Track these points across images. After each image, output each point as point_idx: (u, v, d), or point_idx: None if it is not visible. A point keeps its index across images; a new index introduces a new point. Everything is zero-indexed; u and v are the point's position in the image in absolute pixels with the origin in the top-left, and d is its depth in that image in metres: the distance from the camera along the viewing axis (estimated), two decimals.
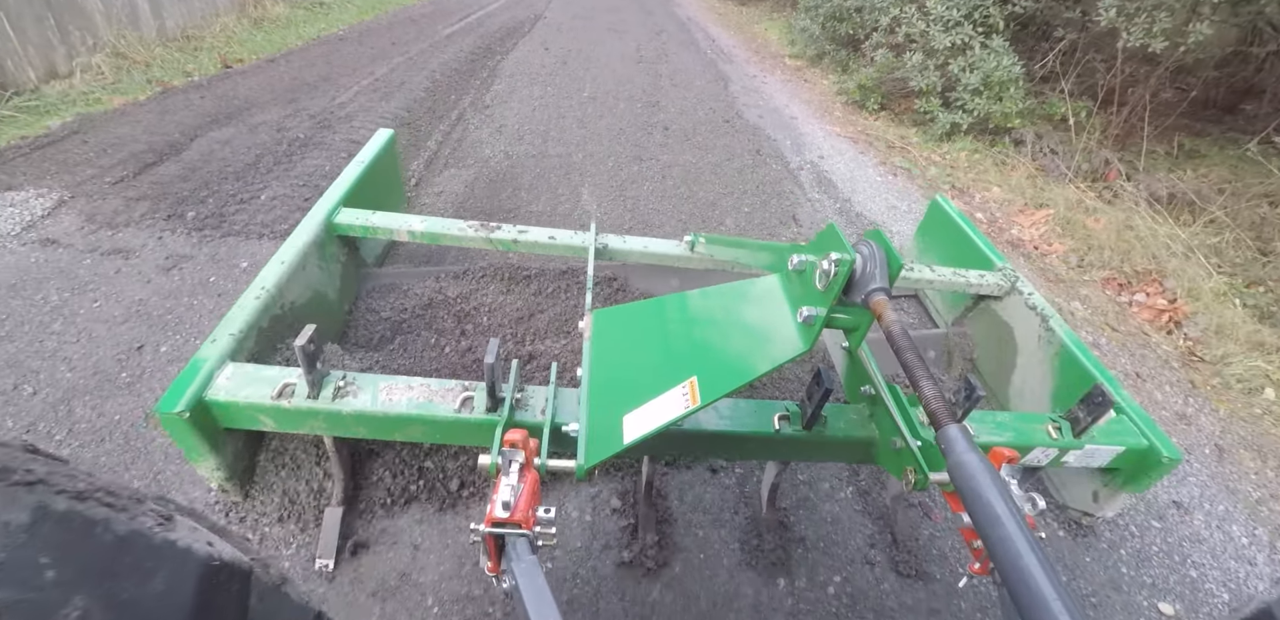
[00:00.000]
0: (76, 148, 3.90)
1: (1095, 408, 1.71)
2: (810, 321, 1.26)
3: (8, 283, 2.69)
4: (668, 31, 9.81)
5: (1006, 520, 0.82)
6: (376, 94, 5.30)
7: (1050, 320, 2.28)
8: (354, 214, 2.35)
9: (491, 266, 2.76)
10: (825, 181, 4.71)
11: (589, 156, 4.55)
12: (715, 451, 1.95)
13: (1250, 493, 2.53)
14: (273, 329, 1.87)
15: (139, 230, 3.10)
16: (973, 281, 2.49)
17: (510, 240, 2.34)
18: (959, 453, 0.94)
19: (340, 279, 2.38)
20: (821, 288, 1.25)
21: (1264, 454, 2.82)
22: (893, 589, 1.90)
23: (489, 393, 1.50)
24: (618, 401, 1.37)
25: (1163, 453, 1.80)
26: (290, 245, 2.12)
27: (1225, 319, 3.66)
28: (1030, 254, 4.30)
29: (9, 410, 2.11)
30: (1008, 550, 0.79)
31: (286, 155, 3.98)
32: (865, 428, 1.64)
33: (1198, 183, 5.04)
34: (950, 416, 1.02)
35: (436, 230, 2.34)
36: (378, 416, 1.55)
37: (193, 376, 1.54)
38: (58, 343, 2.41)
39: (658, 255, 2.39)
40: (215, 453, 1.60)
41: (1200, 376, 3.30)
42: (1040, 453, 1.77)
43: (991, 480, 0.88)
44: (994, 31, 5.68)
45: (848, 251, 1.19)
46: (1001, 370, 2.47)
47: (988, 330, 2.61)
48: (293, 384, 1.56)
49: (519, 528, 1.09)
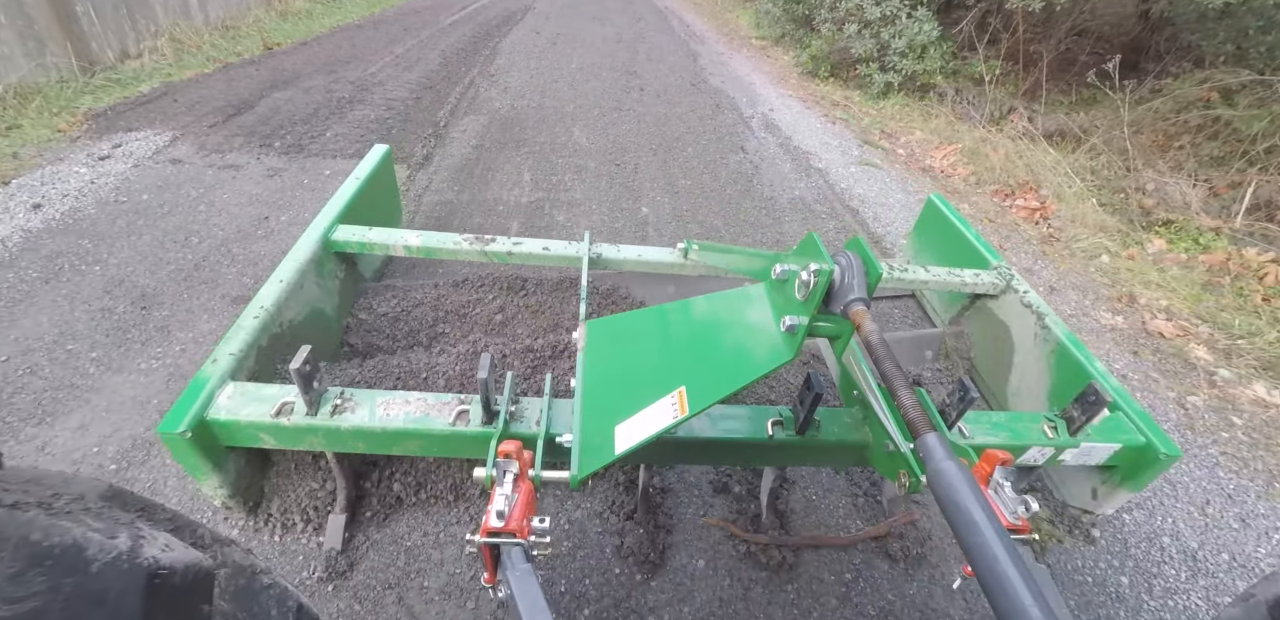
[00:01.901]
0: (169, 105, 4.91)
1: (1090, 406, 1.69)
2: (793, 331, 1.26)
3: (157, 185, 3.69)
4: (645, 19, 10.87)
5: (984, 527, 0.83)
6: (399, 67, 6.34)
7: (1046, 318, 2.26)
8: (351, 230, 2.36)
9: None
10: (772, 126, 5.74)
11: (579, 108, 5.58)
12: (709, 458, 1.91)
13: (1065, 309, 3.57)
14: (272, 347, 1.88)
15: (241, 154, 4.11)
16: (967, 281, 2.47)
17: (505, 252, 2.35)
18: (937, 461, 0.95)
19: (338, 295, 2.39)
20: (802, 298, 1.25)
21: (1084, 291, 3.84)
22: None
23: (484, 406, 1.52)
24: (610, 412, 1.37)
25: (1160, 449, 1.76)
26: (288, 263, 2.12)
27: (1081, 212, 4.70)
28: (938, 176, 5.33)
29: (187, 252, 3.11)
30: (985, 556, 0.80)
31: (338, 108, 5.01)
32: (859, 431, 1.62)
33: (1086, 121, 6.09)
34: (928, 425, 1.02)
35: (432, 245, 2.35)
36: (375, 431, 1.56)
37: (194, 397, 1.55)
38: (207, 216, 3.41)
39: (651, 263, 2.39)
40: (218, 471, 1.62)
41: (1052, 249, 4.33)
42: (1036, 452, 1.74)
43: (969, 488, 0.89)
44: (919, 3, 6.72)
45: (826, 262, 1.20)
46: (999, 369, 2.46)
47: (984, 329, 2.60)
48: (292, 402, 1.57)
49: (514, 537, 1.11)
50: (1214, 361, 3.26)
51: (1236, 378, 3.16)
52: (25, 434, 2.11)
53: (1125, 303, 3.74)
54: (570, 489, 1.33)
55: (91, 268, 2.93)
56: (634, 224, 3.74)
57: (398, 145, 4.43)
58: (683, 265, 2.39)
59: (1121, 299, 3.76)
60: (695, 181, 4.40)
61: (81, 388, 2.30)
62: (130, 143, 4.16)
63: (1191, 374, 3.15)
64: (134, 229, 3.24)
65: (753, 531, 1.95)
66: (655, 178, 4.40)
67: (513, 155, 4.51)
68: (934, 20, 6.59)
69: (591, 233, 2.54)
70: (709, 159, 4.80)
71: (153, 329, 2.60)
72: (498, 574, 1.15)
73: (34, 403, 2.22)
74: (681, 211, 3.95)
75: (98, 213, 3.36)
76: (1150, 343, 3.37)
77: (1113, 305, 3.70)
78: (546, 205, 3.84)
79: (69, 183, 3.63)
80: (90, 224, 3.26)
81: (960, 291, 2.57)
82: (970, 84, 6.98)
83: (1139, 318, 3.59)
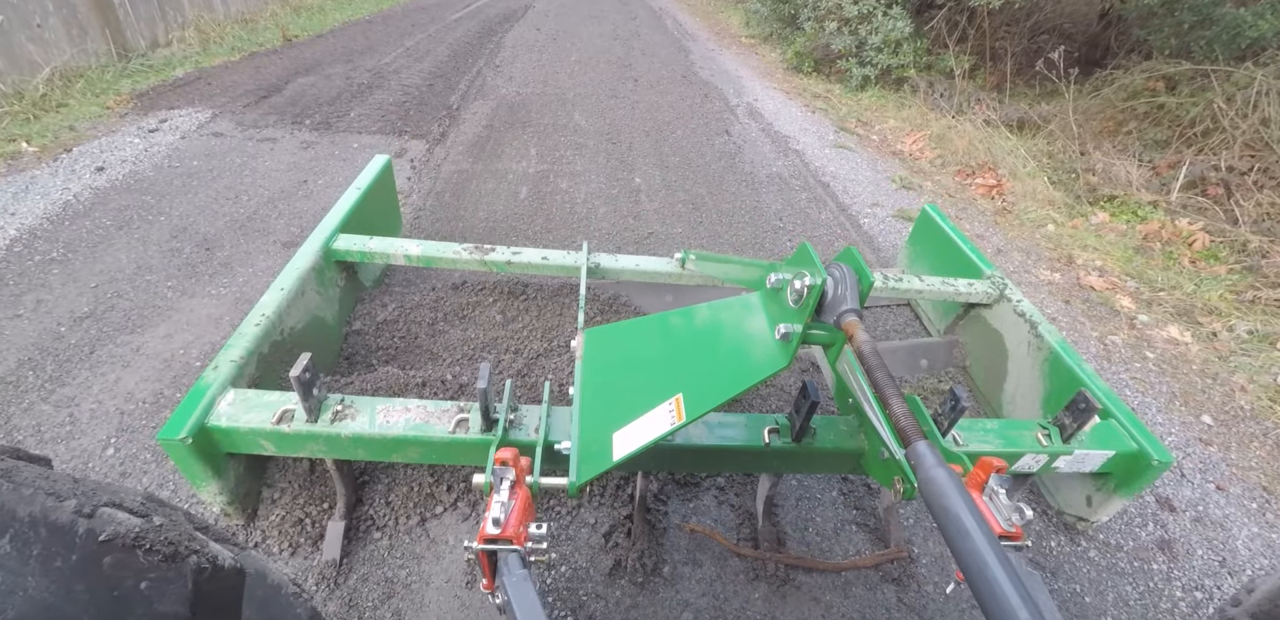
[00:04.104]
0: (204, 88, 5.37)
1: (1081, 413, 1.71)
2: (787, 339, 1.27)
3: (204, 153, 4.15)
4: (640, 18, 11.39)
5: (974, 533, 0.84)
6: (411, 58, 6.83)
7: (1039, 327, 2.27)
8: (351, 240, 2.39)
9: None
10: (756, 113, 6.24)
11: (578, 95, 6.07)
12: (706, 466, 1.92)
13: (1009, 267, 4.06)
14: (273, 354, 1.90)
15: (276, 129, 4.58)
16: (961, 290, 2.49)
17: (504, 262, 2.36)
18: (927, 468, 0.96)
19: (339, 303, 2.42)
20: (795, 307, 1.28)
21: (1028, 253, 4.34)
22: None
23: (483, 414, 1.53)
24: (608, 419, 1.38)
25: (1153, 456, 1.78)
26: (289, 272, 2.15)
27: (1032, 189, 5.20)
28: (906, 159, 5.82)
29: (239, 207, 3.56)
30: (975, 561, 0.81)
31: (359, 92, 5.49)
32: (854, 439, 1.63)
33: (1046, 111, 6.61)
34: (919, 433, 1.03)
35: (432, 254, 2.37)
36: (375, 439, 1.57)
37: (195, 403, 1.55)
38: (252, 179, 3.87)
39: (649, 273, 2.41)
40: (218, 478, 1.62)
41: (1004, 220, 4.83)
42: (1030, 459, 1.75)
43: (959, 495, 0.90)
44: (894, 2, 7.24)
45: (820, 273, 1.21)
46: (993, 377, 2.48)
47: (979, 337, 2.62)
48: (292, 409, 1.58)
49: (510, 544, 1.12)
50: (1136, 309, 3.75)
51: (1154, 322, 3.64)
52: (120, 340, 2.56)
53: (1064, 263, 4.23)
54: (569, 495, 1.32)
55: (157, 218, 3.38)
56: (628, 191, 4.22)
57: (415, 125, 4.91)
58: (680, 275, 2.41)
59: (1061, 260, 4.26)
60: (684, 159, 4.88)
61: (162, 308, 2.76)
62: (175, 119, 4.62)
63: (1115, 318, 3.63)
64: (189, 188, 3.70)
65: (746, 540, 1.96)
66: (647, 155, 4.88)
67: (520, 134, 4.98)
68: (907, 17, 7.11)
69: (589, 243, 2.63)
70: (696, 140, 5.29)
71: (217, 265, 3.05)
72: (495, 580, 1.15)
73: (124, 318, 2.68)
74: (671, 182, 4.43)
75: (155, 175, 3.81)
76: (1081, 294, 3.86)
77: (1052, 265, 4.19)
78: (551, 175, 4.31)
79: (125, 151, 4.08)
80: (150, 184, 3.71)
81: (954, 301, 2.60)
82: (942, 77, 7.50)
83: (1075, 275, 4.08)
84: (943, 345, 2.80)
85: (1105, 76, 6.28)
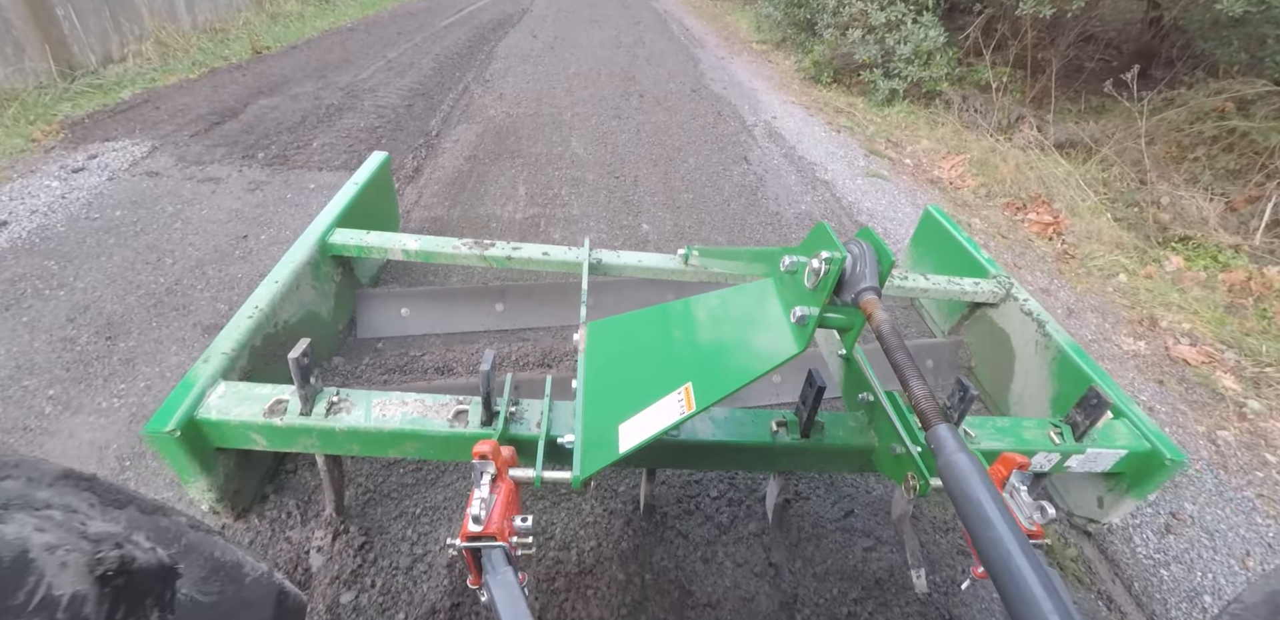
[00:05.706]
0: (151, 112, 4.71)
1: (1092, 410, 1.69)
2: (803, 322, 1.25)
3: (131, 200, 3.50)
4: (644, 22, 10.69)
5: (997, 521, 0.80)
6: (392, 72, 6.15)
7: (1047, 325, 2.24)
8: (348, 234, 2.34)
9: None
10: (776, 135, 5.57)
11: (576, 116, 5.40)
12: (712, 462, 1.88)
13: (1086, 334, 3.40)
14: (265, 348, 1.86)
15: (222, 166, 3.92)
16: (967, 289, 2.46)
17: (504, 257, 2.32)
18: (949, 452, 0.92)
19: (334, 299, 2.38)
20: (812, 287, 1.24)
21: (1104, 314, 3.68)
22: None
23: (484, 405, 1.49)
24: (613, 411, 1.35)
25: (1165, 455, 1.75)
26: (284, 265, 2.11)
27: (1096, 228, 4.54)
28: (946, 188, 5.16)
29: (159, 275, 2.92)
30: (998, 550, 0.77)
31: (327, 116, 4.82)
32: (864, 435, 1.61)
33: (1096, 131, 5.93)
34: (940, 416, 1.01)
35: (430, 249, 2.33)
36: (371, 433, 1.52)
37: (184, 395, 1.51)
38: (182, 234, 3.22)
39: (651, 269, 2.37)
40: (206, 473, 1.58)
41: (1068, 267, 4.17)
42: (1043, 458, 1.73)
43: (981, 480, 0.86)
44: (925, 9, 6.56)
45: (839, 250, 1.19)
46: (1000, 378, 2.43)
47: (985, 338, 2.58)
48: (285, 401, 1.54)
49: (494, 540, 1.10)
50: (1242, 391, 3.10)
51: (1267, 409, 3.00)
52: None
53: (1146, 326, 3.58)
54: (573, 489, 1.32)
55: (56, 293, 2.74)
56: (635, 242, 3.57)
57: None
58: (683, 271, 2.37)
59: (1142, 322, 3.60)
60: (698, 195, 4.23)
61: (35, 431, 2.11)
62: (106, 154, 3.97)
63: (1219, 405, 2.99)
64: (104, 249, 3.05)
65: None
66: (656, 191, 4.23)
67: (507, 167, 4.33)
68: (939, 26, 6.44)
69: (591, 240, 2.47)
70: (711, 171, 4.63)
71: (117, 362, 2.41)
72: (481, 577, 1.13)
73: None
74: (684, 228, 3.78)
75: (66, 231, 3.17)
76: (1175, 370, 3.21)
77: (1134, 329, 3.54)
78: (542, 222, 3.66)
79: (39, 198, 3.44)
80: (58, 244, 3.07)
81: (960, 300, 2.57)
82: (976, 91, 6.83)
83: (1161, 343, 3.43)
84: (947, 346, 2.71)
85: (1172, 95, 5.59)
